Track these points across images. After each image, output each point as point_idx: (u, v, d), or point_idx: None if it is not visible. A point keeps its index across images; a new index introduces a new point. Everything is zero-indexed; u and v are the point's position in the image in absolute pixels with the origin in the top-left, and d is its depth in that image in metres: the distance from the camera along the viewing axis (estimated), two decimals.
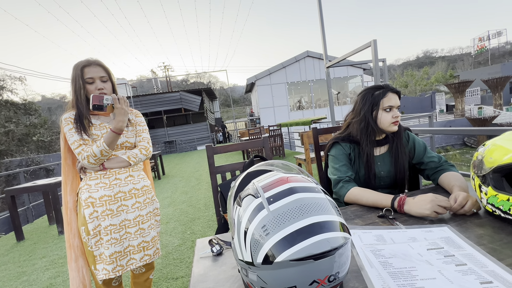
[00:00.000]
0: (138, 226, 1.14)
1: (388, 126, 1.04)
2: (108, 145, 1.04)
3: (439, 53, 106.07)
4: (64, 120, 1.08)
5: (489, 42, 36.23)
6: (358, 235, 0.69)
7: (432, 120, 2.90)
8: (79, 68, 1.07)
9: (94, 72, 1.08)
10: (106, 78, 1.12)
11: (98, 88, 1.09)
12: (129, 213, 1.13)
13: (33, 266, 2.35)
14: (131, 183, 1.15)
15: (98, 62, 1.11)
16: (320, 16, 3.37)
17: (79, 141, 1.05)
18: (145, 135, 1.23)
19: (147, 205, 1.19)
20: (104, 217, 1.07)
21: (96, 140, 1.09)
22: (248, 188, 0.52)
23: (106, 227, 1.07)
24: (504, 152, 0.65)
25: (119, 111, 1.06)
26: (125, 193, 1.12)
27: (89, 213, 1.06)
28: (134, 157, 1.14)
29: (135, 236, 1.14)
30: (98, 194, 1.08)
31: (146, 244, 1.17)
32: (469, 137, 15.80)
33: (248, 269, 0.45)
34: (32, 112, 18.46)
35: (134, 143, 1.19)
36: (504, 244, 0.58)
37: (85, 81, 1.07)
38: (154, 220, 1.22)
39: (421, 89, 37.16)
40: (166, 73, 30.25)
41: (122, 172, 1.13)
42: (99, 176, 1.10)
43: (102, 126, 1.13)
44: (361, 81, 17.17)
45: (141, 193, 1.18)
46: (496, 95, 17.38)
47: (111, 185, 1.10)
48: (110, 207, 1.09)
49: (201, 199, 3.84)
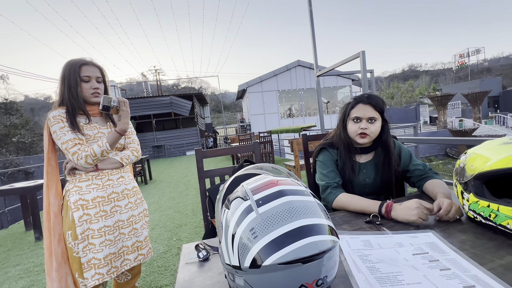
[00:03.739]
0: (131, 226, 1.14)
1: (355, 136, 1.05)
2: (111, 145, 1.04)
3: (423, 67, 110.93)
4: (53, 118, 1.02)
5: (469, 59, 38.34)
6: (346, 240, 0.69)
7: (417, 130, 3.00)
8: (77, 65, 1.06)
9: (92, 72, 1.08)
10: (101, 79, 1.12)
11: (93, 87, 1.08)
12: (122, 213, 1.12)
13: (6, 275, 2.20)
14: (123, 184, 1.15)
15: (95, 63, 1.12)
16: (312, 27, 3.47)
17: (74, 140, 1.02)
18: (134, 137, 1.24)
19: (138, 205, 1.20)
20: (98, 218, 1.05)
21: (89, 140, 1.07)
22: (237, 191, 0.52)
23: (99, 229, 1.05)
24: (484, 160, 0.68)
25: (125, 113, 1.07)
26: (118, 194, 1.12)
27: (78, 216, 1.03)
28: (127, 158, 1.15)
29: (129, 236, 1.13)
30: (90, 196, 1.06)
31: (139, 243, 1.17)
32: (451, 148, 16.45)
33: (235, 273, 0.44)
34: (13, 112, 17.71)
35: (123, 144, 1.20)
36: (485, 249, 0.60)
37: (82, 78, 1.06)
38: (145, 221, 1.23)
39: (406, 100, 38.61)
40: (157, 77, 29.97)
41: (115, 173, 1.13)
42: (90, 177, 1.07)
43: (93, 126, 1.11)
44: (349, 91, 17.64)
45: (132, 194, 1.18)
46: (476, 108, 18.28)
47: (104, 186, 1.09)
48: (104, 208, 1.07)
49: (188, 205, 3.76)
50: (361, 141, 1.04)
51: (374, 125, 1.03)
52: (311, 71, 16.47)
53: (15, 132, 16.96)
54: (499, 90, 27.38)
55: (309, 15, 3.43)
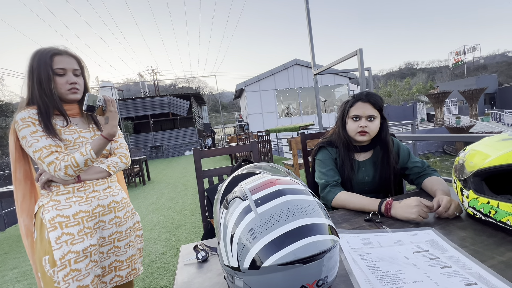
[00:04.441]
0: (112, 244, 0.98)
1: (354, 135, 1.05)
2: (96, 153, 0.89)
3: (420, 65, 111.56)
4: (22, 120, 0.84)
5: (465, 56, 38.57)
6: (346, 239, 0.69)
7: (414, 128, 3.01)
8: (47, 56, 0.87)
9: (67, 63, 0.90)
10: (79, 72, 0.95)
11: (70, 82, 0.90)
12: (105, 229, 0.96)
13: (3, 278, 2.18)
14: (110, 195, 0.99)
15: (71, 53, 0.94)
16: (309, 25, 3.46)
17: (49, 148, 0.84)
18: (122, 141, 1.08)
19: (127, 219, 1.04)
20: (82, 237, 0.89)
21: (68, 146, 0.91)
22: (235, 191, 0.51)
23: (85, 250, 0.88)
24: (483, 157, 0.67)
25: (113, 115, 0.91)
26: (104, 207, 0.96)
27: (55, 237, 0.85)
28: (114, 166, 0.99)
29: (108, 255, 0.97)
30: (71, 211, 0.89)
31: (119, 264, 1.00)
32: (448, 145, 16.56)
33: (234, 275, 0.43)
34: (8, 114, 17.56)
35: (109, 150, 1.04)
36: (485, 246, 0.60)
37: (55, 71, 0.88)
38: (134, 236, 1.07)
39: (404, 98, 38.76)
40: (154, 77, 29.85)
41: (100, 183, 0.96)
42: (71, 189, 0.90)
43: (72, 129, 0.94)
44: (347, 90, 17.67)
45: (121, 207, 1.02)
46: (472, 105, 18.40)
47: (88, 198, 0.92)
48: (89, 224, 0.91)
49: (187, 205, 3.75)
50: (360, 139, 1.04)
51: (374, 123, 1.02)
52: (308, 69, 16.48)
53: None
54: (495, 87, 27.59)
55: (306, 14, 3.42)
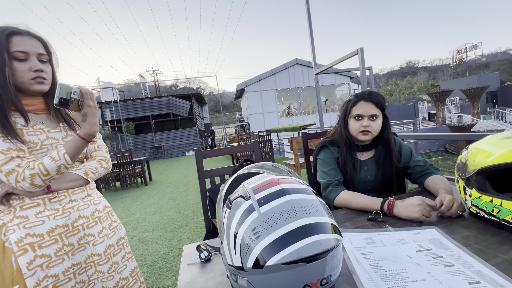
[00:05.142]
0: (111, 260, 0.86)
1: (357, 134, 1.05)
2: (72, 157, 0.75)
3: (421, 64, 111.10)
4: None
5: (467, 55, 38.43)
6: (349, 238, 0.69)
7: (416, 127, 3.00)
8: (2, 35, 0.70)
9: (29, 46, 0.73)
10: (46, 58, 0.78)
11: (34, 69, 0.74)
12: (97, 244, 0.82)
13: None
14: (92, 204, 0.85)
15: (34, 33, 0.76)
16: (309, 25, 3.46)
17: (8, 152, 0.69)
18: (100, 141, 0.94)
19: (115, 230, 0.91)
20: (62, 257, 0.75)
21: (33, 150, 0.75)
22: (238, 190, 0.51)
23: (66, 271, 0.75)
24: (486, 155, 0.67)
25: (91, 110, 0.75)
26: (88, 218, 0.82)
27: (27, 262, 0.70)
28: (93, 173, 0.85)
29: (110, 275, 0.84)
30: (44, 228, 0.73)
31: (125, 281, 0.88)
32: (450, 144, 16.49)
33: (237, 274, 0.43)
34: None
35: (85, 153, 0.89)
36: (489, 244, 0.60)
37: (13, 55, 0.71)
38: (125, 252, 0.93)
39: (405, 97, 38.67)
40: (155, 77, 29.92)
41: (78, 191, 0.82)
42: (40, 201, 0.74)
43: (37, 129, 0.77)
44: (348, 89, 17.63)
45: (105, 216, 0.90)
46: (474, 104, 18.33)
47: (65, 210, 0.78)
48: (70, 240, 0.77)
49: (189, 206, 3.76)
50: (363, 138, 1.04)
51: (376, 122, 1.02)
52: (309, 69, 16.46)
53: None
54: (497, 85, 27.46)
55: (306, 13, 3.42)
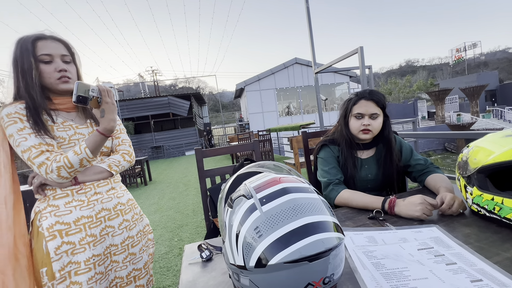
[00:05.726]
0: (127, 251, 0.90)
1: (357, 133, 1.04)
2: (93, 151, 0.79)
3: (420, 63, 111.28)
4: (8, 116, 0.74)
5: (466, 53, 38.48)
6: (350, 237, 0.69)
7: (416, 126, 3.00)
8: (28, 42, 0.76)
9: (53, 48, 0.79)
10: (70, 58, 0.84)
11: (58, 69, 0.79)
12: (116, 235, 0.88)
13: None
14: (115, 197, 0.90)
15: (57, 37, 0.83)
16: (309, 23, 3.45)
17: (39, 147, 0.75)
18: (124, 136, 0.98)
19: (136, 222, 0.96)
20: (84, 246, 0.80)
21: (62, 145, 0.81)
22: (239, 190, 0.51)
23: (87, 261, 0.80)
24: (487, 153, 0.67)
25: (109, 106, 0.80)
26: (110, 211, 0.87)
27: (55, 247, 0.76)
28: (117, 165, 0.89)
29: (124, 264, 0.89)
30: (72, 217, 0.80)
31: (137, 272, 0.92)
32: (449, 143, 16.52)
33: (240, 273, 0.43)
34: None
35: (110, 147, 0.94)
36: (490, 242, 0.60)
37: (39, 58, 0.77)
38: (146, 240, 0.99)
39: (404, 96, 38.72)
40: (154, 77, 29.87)
41: (103, 185, 0.87)
42: (69, 192, 0.81)
43: (66, 125, 0.84)
44: (347, 88, 17.64)
45: (128, 209, 0.94)
46: (473, 102, 18.36)
47: (90, 202, 0.83)
48: (92, 231, 0.82)
49: (189, 205, 3.75)
50: (363, 137, 1.04)
51: (376, 121, 1.02)
52: (308, 68, 16.45)
53: None
54: (496, 83, 27.49)
55: (306, 12, 3.41)
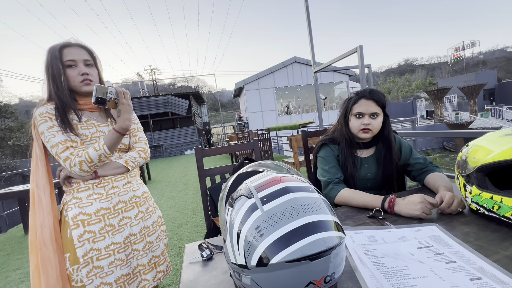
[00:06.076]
0: (145, 240, 0.98)
1: (357, 132, 1.05)
2: (110, 148, 0.88)
3: (419, 62, 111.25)
4: (40, 116, 0.86)
5: (464, 52, 38.53)
6: (350, 235, 0.69)
7: (415, 124, 3.01)
8: (56, 50, 0.88)
9: (76, 54, 0.90)
10: (91, 62, 0.94)
11: (81, 73, 0.90)
12: (133, 226, 0.96)
13: (6, 279, 2.18)
14: (131, 191, 0.98)
15: (80, 43, 0.94)
16: (308, 22, 3.45)
17: (65, 143, 0.85)
18: (141, 134, 1.06)
19: (150, 213, 1.03)
20: (104, 235, 0.89)
21: (85, 141, 0.91)
22: (240, 189, 0.51)
23: (107, 247, 0.89)
24: (486, 152, 0.67)
25: (125, 107, 0.89)
26: (126, 203, 0.96)
27: (78, 235, 0.86)
28: (133, 161, 0.98)
29: (144, 252, 0.97)
30: (92, 209, 0.90)
31: (157, 259, 1.01)
32: (448, 142, 16.58)
33: (241, 272, 0.43)
34: (8, 115, 17.52)
35: (128, 144, 1.02)
36: (489, 241, 0.60)
37: (65, 64, 0.88)
38: (160, 230, 1.06)
39: (403, 95, 38.80)
40: (153, 76, 29.74)
41: (120, 179, 0.96)
42: (90, 185, 0.91)
43: (89, 124, 0.94)
44: (346, 87, 17.65)
45: (143, 201, 1.02)
46: (472, 101, 18.40)
47: (108, 195, 0.92)
48: (110, 221, 0.92)
49: (188, 204, 3.75)
50: (363, 136, 1.04)
51: (377, 120, 1.02)
52: (307, 67, 16.44)
53: (10, 135, 16.80)
54: (494, 82, 27.55)
55: (305, 11, 3.41)
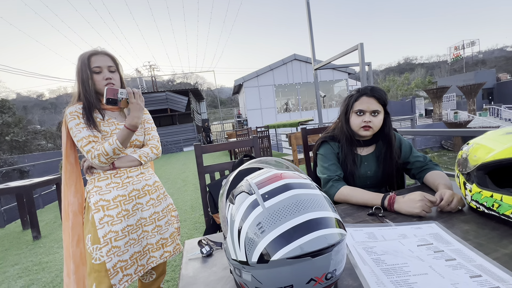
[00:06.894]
0: (154, 223, 1.11)
1: (358, 130, 1.04)
2: (121, 142, 0.99)
3: (419, 60, 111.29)
4: (70, 114, 0.99)
5: (464, 51, 38.48)
6: (350, 233, 0.69)
7: (414, 123, 3.01)
8: (85, 57, 1.01)
9: (102, 61, 1.03)
10: (114, 68, 1.06)
11: (105, 78, 1.03)
12: (144, 211, 1.09)
13: (4, 274, 2.18)
14: (143, 180, 1.11)
15: (105, 52, 1.06)
16: (309, 19, 3.43)
17: (88, 138, 0.97)
18: (154, 133, 1.18)
19: (161, 201, 1.16)
20: (120, 218, 1.01)
21: (105, 137, 1.03)
22: (241, 185, 0.51)
23: (123, 229, 1.01)
24: (487, 151, 0.67)
25: (134, 106, 1.00)
26: (139, 191, 1.08)
27: (99, 218, 0.98)
28: (145, 156, 1.09)
29: (153, 234, 1.10)
30: (111, 196, 1.02)
31: (164, 241, 1.13)
32: (446, 140, 16.65)
33: (242, 269, 0.43)
34: (5, 110, 17.40)
35: (142, 141, 1.14)
36: (489, 238, 0.60)
37: (92, 70, 1.01)
38: (170, 216, 1.19)
39: (402, 94, 38.83)
40: (152, 72, 29.58)
41: (133, 170, 1.08)
42: (109, 176, 1.03)
43: (110, 122, 1.06)
44: (346, 85, 17.63)
45: (154, 189, 1.14)
46: (470, 101, 18.44)
47: (123, 184, 1.05)
48: (126, 207, 1.03)
49: (187, 201, 3.75)
50: (364, 134, 1.03)
51: (377, 118, 1.02)
52: (307, 65, 16.39)
53: (8, 130, 16.72)
54: (493, 82, 27.60)
55: (306, 8, 3.38)
